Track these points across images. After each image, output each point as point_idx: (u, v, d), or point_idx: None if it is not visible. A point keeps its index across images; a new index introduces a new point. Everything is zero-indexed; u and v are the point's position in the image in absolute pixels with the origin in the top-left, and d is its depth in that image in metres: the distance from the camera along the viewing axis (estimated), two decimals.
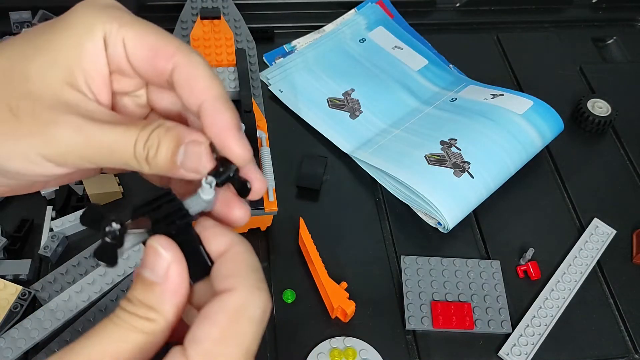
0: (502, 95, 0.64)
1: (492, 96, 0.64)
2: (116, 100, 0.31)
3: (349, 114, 0.65)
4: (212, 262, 0.27)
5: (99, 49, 0.28)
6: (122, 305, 0.26)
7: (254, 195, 0.29)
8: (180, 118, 0.32)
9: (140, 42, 0.29)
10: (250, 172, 0.29)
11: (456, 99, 0.65)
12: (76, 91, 0.28)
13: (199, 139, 0.27)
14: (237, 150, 0.27)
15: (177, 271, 0.26)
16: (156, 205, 0.27)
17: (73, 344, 0.25)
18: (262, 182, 0.29)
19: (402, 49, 0.71)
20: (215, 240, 0.27)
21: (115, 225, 0.25)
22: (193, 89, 0.28)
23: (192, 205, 0.28)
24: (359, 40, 0.72)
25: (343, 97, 0.66)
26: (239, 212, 0.29)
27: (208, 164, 0.27)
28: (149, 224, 0.27)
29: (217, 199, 0.29)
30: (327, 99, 0.66)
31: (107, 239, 0.25)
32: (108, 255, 0.26)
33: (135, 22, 0.29)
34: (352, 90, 0.67)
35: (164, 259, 0.26)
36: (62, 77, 0.28)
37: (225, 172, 0.28)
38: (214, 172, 0.28)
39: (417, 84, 0.68)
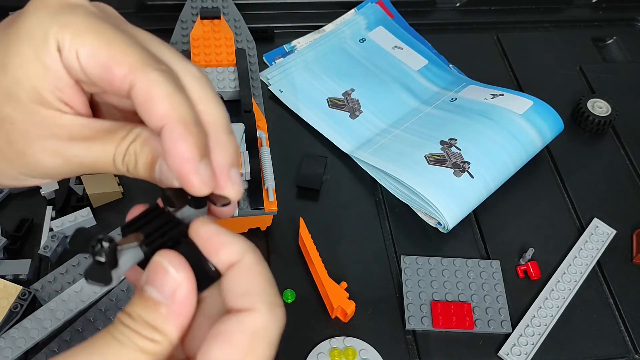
0: (502, 95, 0.64)
1: (492, 96, 0.64)
2: (96, 100, 0.29)
3: (348, 113, 0.65)
4: (219, 273, 0.26)
5: (57, 60, 0.25)
6: (123, 320, 0.24)
7: (231, 204, 0.28)
8: None
9: (92, 58, 0.25)
10: (221, 181, 0.26)
11: (456, 98, 0.65)
12: (48, 108, 0.26)
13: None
14: (195, 183, 0.25)
15: (186, 292, 0.24)
16: (146, 221, 0.26)
17: (69, 354, 0.24)
18: (234, 189, 0.27)
19: (402, 49, 0.71)
20: (225, 250, 0.25)
21: (105, 244, 0.24)
22: (152, 112, 0.25)
23: (184, 215, 0.27)
24: (359, 40, 0.72)
25: (343, 97, 0.66)
26: (227, 185, 0.27)
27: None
28: (141, 238, 0.25)
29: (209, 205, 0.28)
30: (327, 99, 0.66)
31: (98, 259, 0.24)
32: (100, 275, 0.24)
33: (89, 31, 0.25)
34: (352, 90, 0.67)
35: (173, 279, 0.24)
36: (30, 98, 0.26)
37: None
38: None
39: (417, 84, 0.68)
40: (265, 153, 0.54)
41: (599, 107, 0.66)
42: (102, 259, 0.24)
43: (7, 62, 0.26)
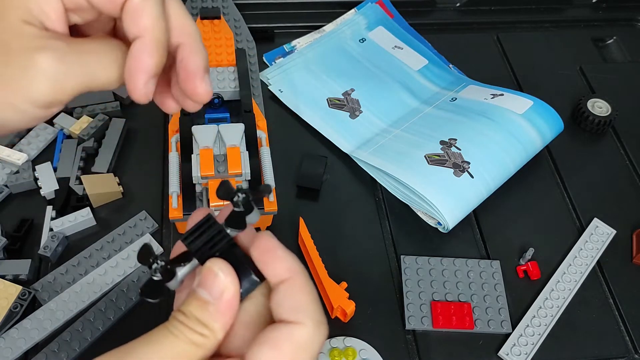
0: (502, 95, 0.64)
1: (492, 96, 0.64)
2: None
3: (348, 113, 0.65)
4: (262, 278, 0.29)
5: None
6: (177, 317, 0.28)
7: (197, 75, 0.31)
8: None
9: None
10: (196, 80, 0.31)
11: (456, 99, 0.65)
12: (38, 28, 0.29)
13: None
14: (140, 87, 0.30)
15: (231, 294, 0.28)
16: (200, 232, 0.29)
17: (131, 345, 0.27)
18: (206, 89, 0.31)
19: (402, 48, 0.71)
20: (276, 265, 0.28)
21: (161, 262, 0.28)
22: (137, 22, 0.29)
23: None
24: (359, 40, 0.72)
25: (343, 97, 0.66)
26: (201, 85, 0.31)
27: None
28: (190, 257, 0.29)
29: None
30: (327, 99, 0.66)
31: (154, 277, 0.28)
32: (154, 291, 0.28)
33: None
34: (352, 90, 0.67)
35: (221, 282, 0.28)
36: (20, 17, 0.28)
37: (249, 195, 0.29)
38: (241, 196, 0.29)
39: (417, 84, 0.68)
40: (265, 153, 0.54)
41: (599, 107, 0.66)
42: (158, 277, 0.28)
43: None
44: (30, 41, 0.28)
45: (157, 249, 0.47)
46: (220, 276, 0.28)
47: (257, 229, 0.55)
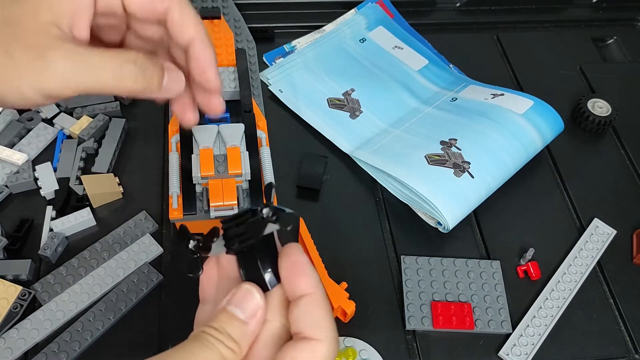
0: (502, 95, 0.64)
1: (492, 96, 0.64)
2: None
3: (349, 114, 0.65)
4: (273, 286, 0.31)
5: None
6: (211, 332, 0.30)
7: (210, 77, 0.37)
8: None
9: None
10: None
11: (456, 99, 0.65)
12: (61, 30, 0.32)
13: (175, 67, 0.35)
14: (214, 79, 0.37)
15: (261, 317, 0.30)
16: (240, 220, 0.31)
17: (165, 355, 0.29)
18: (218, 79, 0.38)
19: (402, 49, 0.71)
20: (301, 280, 0.30)
21: (193, 242, 0.31)
22: (185, 28, 0.35)
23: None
24: (359, 40, 0.72)
25: (343, 97, 0.66)
26: (215, 76, 0.37)
27: (182, 84, 0.35)
28: (219, 235, 0.31)
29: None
30: (327, 99, 0.66)
31: (191, 254, 0.31)
32: (194, 267, 0.31)
33: None
34: (352, 90, 0.67)
35: (257, 302, 0.30)
36: (49, 19, 0.31)
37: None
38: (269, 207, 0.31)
39: (417, 84, 0.68)
40: (265, 153, 0.54)
41: (599, 107, 0.66)
42: (194, 255, 0.31)
43: None
44: (51, 40, 0.31)
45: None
46: (256, 297, 0.30)
47: None
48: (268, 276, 0.31)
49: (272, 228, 0.30)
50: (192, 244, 0.31)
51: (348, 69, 0.69)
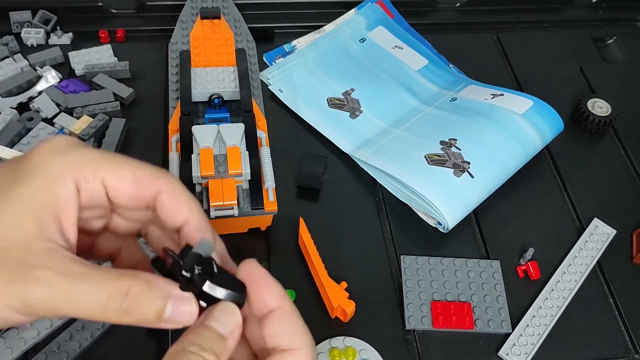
0: (502, 95, 0.64)
1: (492, 96, 0.64)
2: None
3: (349, 113, 0.65)
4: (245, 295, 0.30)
5: (71, 194, 0.29)
6: (193, 349, 0.29)
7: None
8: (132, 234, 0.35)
9: (119, 179, 0.30)
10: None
11: (456, 98, 0.65)
12: (47, 241, 0.28)
13: (184, 295, 0.29)
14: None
15: (238, 334, 0.30)
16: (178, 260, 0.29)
17: None
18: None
19: (402, 48, 0.71)
20: (265, 294, 0.30)
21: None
22: (178, 211, 0.31)
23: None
24: (359, 40, 0.72)
25: (343, 97, 0.66)
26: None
27: (195, 315, 0.29)
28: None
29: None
30: (327, 99, 0.66)
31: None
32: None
33: (107, 161, 0.30)
34: (352, 90, 0.67)
35: (236, 321, 0.30)
36: (33, 231, 0.28)
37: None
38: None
39: (417, 84, 0.68)
40: (265, 153, 0.54)
41: (599, 107, 0.66)
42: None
43: (18, 199, 0.28)
44: (35, 258, 0.28)
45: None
46: (236, 313, 0.30)
47: (257, 229, 0.55)
48: (231, 295, 0.30)
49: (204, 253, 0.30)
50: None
51: (348, 68, 0.69)
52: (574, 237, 0.57)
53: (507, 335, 0.50)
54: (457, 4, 0.79)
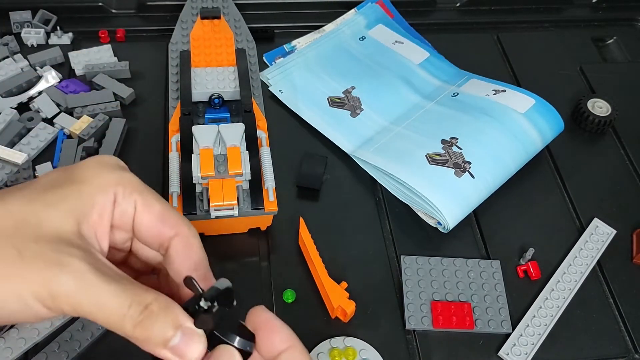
0: (504, 91, 0.63)
1: (494, 92, 0.63)
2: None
3: (349, 112, 0.65)
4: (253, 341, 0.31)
5: (108, 206, 0.32)
6: None
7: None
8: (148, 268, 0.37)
9: (148, 209, 0.33)
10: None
11: (458, 93, 0.65)
12: (84, 240, 0.30)
13: (196, 330, 0.29)
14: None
15: None
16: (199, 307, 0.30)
17: None
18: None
19: (402, 43, 0.71)
20: (274, 337, 0.31)
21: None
22: (189, 257, 0.33)
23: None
24: (359, 39, 0.72)
25: (343, 95, 0.66)
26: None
27: (201, 354, 0.29)
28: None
29: None
30: (328, 98, 0.66)
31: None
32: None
33: (144, 189, 0.33)
34: (353, 87, 0.67)
35: None
36: (72, 229, 0.30)
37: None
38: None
39: (418, 78, 0.68)
40: (265, 153, 0.54)
41: (599, 107, 0.66)
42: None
43: (64, 198, 0.31)
44: (68, 249, 0.29)
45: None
46: (236, 358, 0.30)
47: (257, 229, 0.55)
48: (242, 342, 0.30)
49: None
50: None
51: (348, 67, 0.69)
52: (574, 237, 0.57)
53: (507, 335, 0.50)
54: (457, 4, 0.79)
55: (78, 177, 0.32)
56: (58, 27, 0.70)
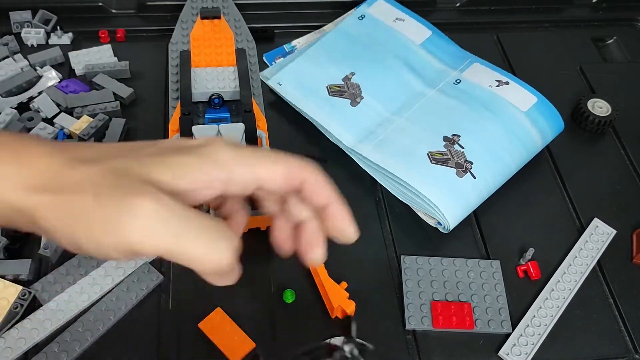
0: (507, 83, 0.63)
1: (497, 83, 0.63)
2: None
3: (349, 100, 0.63)
4: None
5: (218, 178, 0.33)
6: None
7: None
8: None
9: (273, 174, 0.35)
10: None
11: (460, 80, 0.64)
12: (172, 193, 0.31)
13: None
14: (350, 231, 0.38)
15: None
16: (314, 356, 0.34)
17: None
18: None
19: (403, 20, 0.70)
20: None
21: None
22: (322, 195, 0.37)
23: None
24: (359, 18, 0.70)
25: (343, 83, 0.65)
26: (317, 251, 0.38)
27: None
28: None
29: None
30: (327, 87, 0.64)
31: None
32: None
33: (263, 158, 0.35)
34: (352, 74, 0.65)
35: None
36: (172, 186, 0.31)
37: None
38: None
39: (420, 60, 0.67)
40: None
41: (599, 107, 0.66)
42: None
43: (180, 161, 0.32)
44: (148, 188, 0.29)
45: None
46: None
47: (258, 229, 0.55)
48: None
49: None
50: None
51: (347, 49, 0.67)
52: (574, 237, 0.57)
53: (507, 336, 0.50)
54: (457, 4, 0.79)
55: (199, 148, 0.33)
56: (58, 27, 0.70)
